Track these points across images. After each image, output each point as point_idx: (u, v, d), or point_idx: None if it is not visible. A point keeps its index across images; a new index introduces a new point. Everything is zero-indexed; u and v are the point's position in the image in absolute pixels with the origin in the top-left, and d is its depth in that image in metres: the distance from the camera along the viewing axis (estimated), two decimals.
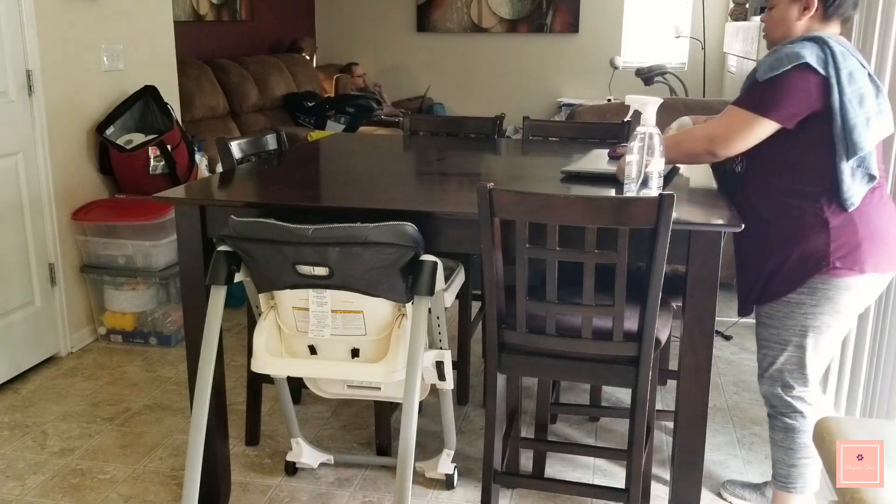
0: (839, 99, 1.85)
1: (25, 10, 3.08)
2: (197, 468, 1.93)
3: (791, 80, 1.87)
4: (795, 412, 2.07)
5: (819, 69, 1.85)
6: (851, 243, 1.92)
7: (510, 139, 3.73)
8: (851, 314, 2.03)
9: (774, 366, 2.07)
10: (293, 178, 2.56)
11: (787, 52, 1.88)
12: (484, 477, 2.11)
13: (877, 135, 1.90)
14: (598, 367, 1.96)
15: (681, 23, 6.77)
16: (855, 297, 1.97)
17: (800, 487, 2.12)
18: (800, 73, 1.86)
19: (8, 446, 2.67)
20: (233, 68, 5.57)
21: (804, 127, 1.90)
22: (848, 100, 1.85)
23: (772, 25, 2.04)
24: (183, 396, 3.02)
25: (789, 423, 2.09)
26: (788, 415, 2.08)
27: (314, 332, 1.97)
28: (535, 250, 1.87)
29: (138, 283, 3.47)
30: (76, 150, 3.43)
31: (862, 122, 1.85)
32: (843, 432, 1.52)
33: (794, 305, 2.00)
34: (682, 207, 1.97)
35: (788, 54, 1.87)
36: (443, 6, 7.23)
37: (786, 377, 2.06)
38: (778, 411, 2.10)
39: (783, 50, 1.90)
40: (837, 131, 1.87)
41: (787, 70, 1.86)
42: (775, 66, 1.88)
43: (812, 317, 1.99)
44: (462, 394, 2.97)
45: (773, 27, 2.04)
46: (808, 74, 1.86)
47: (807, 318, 2.00)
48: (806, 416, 2.06)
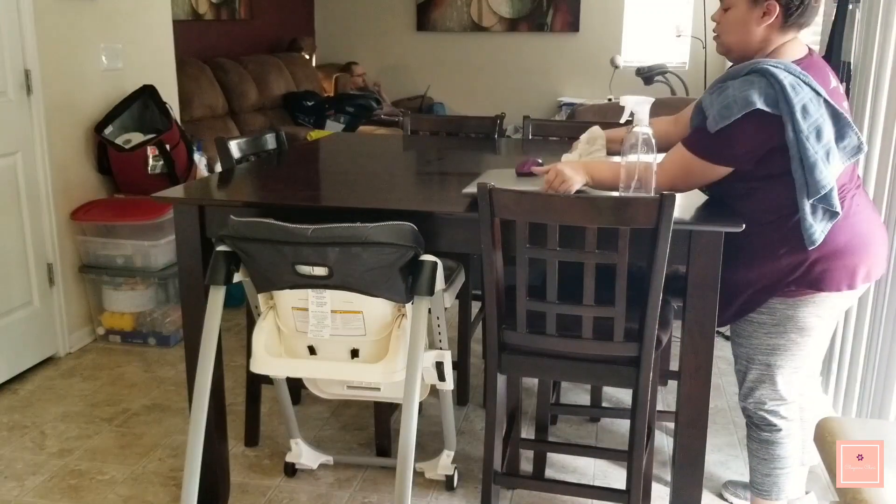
0: (795, 137, 1.76)
1: (24, 10, 3.07)
2: (196, 469, 1.93)
3: (742, 128, 1.79)
4: (770, 426, 2.04)
5: (769, 110, 1.76)
6: (807, 265, 1.87)
7: (510, 139, 3.73)
8: (822, 328, 1.96)
9: (746, 382, 2.05)
10: (292, 177, 2.56)
11: (734, 98, 1.79)
12: (484, 478, 2.11)
13: (839, 165, 1.82)
14: (599, 367, 1.96)
15: (681, 22, 6.76)
16: (817, 313, 1.93)
17: (775, 494, 2.11)
18: (750, 120, 1.78)
19: (6, 447, 2.66)
20: (232, 68, 5.56)
21: (764, 160, 1.84)
22: (805, 137, 1.76)
23: (727, 28, 1.94)
24: (182, 397, 3.01)
25: (764, 436, 2.06)
26: (763, 428, 2.06)
27: (313, 333, 1.96)
28: (535, 250, 1.86)
29: (137, 283, 3.46)
30: (75, 149, 3.43)
31: (822, 157, 1.78)
32: (843, 432, 1.52)
33: (756, 325, 1.97)
34: (683, 208, 1.97)
35: (737, 100, 1.78)
36: (443, 5, 7.22)
37: (756, 393, 2.04)
38: (753, 422, 2.08)
39: (730, 91, 1.81)
40: (797, 168, 1.80)
41: (738, 119, 1.78)
42: (725, 114, 1.79)
43: (776, 335, 1.96)
44: (462, 394, 2.97)
45: (727, 30, 1.94)
46: (760, 117, 1.77)
47: (771, 337, 1.96)
48: (781, 430, 2.04)
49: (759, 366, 2.00)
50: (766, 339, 1.97)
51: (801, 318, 1.93)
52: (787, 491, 2.11)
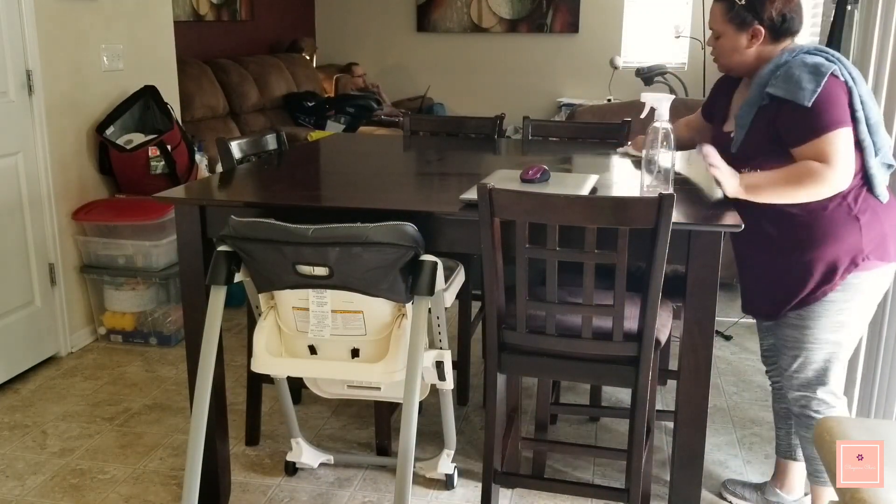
0: (860, 100, 1.91)
1: (25, 10, 3.08)
2: (197, 468, 1.93)
3: (832, 90, 1.89)
4: (828, 406, 2.07)
5: (839, 76, 1.90)
6: (880, 234, 1.96)
7: (510, 139, 3.73)
8: (876, 302, 2.06)
9: (811, 365, 2.06)
10: (293, 178, 2.56)
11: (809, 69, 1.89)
12: (484, 477, 2.11)
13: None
14: (598, 367, 1.96)
15: (681, 22, 6.76)
16: (882, 285, 2.02)
17: None
18: (833, 82, 1.89)
19: (8, 446, 2.67)
20: (233, 68, 5.57)
21: None
22: (865, 100, 1.91)
23: (722, 52, 2.09)
24: (183, 396, 3.02)
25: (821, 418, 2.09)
26: (821, 411, 2.07)
27: (314, 332, 1.97)
28: (535, 250, 1.87)
29: (138, 283, 3.47)
30: (76, 149, 3.43)
31: (880, 118, 1.95)
32: (843, 432, 1.52)
33: (827, 304, 2.00)
34: (682, 208, 1.97)
35: (812, 69, 1.89)
36: (443, 6, 7.23)
37: (821, 376, 2.06)
38: (811, 409, 2.08)
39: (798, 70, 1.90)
40: (863, 131, 1.91)
41: (826, 82, 1.88)
42: (811, 86, 1.88)
43: (845, 312, 2.00)
44: (462, 394, 2.98)
45: (723, 54, 2.09)
46: (838, 81, 1.90)
47: (840, 314, 2.01)
48: (836, 408, 2.08)
49: (828, 345, 2.03)
50: (836, 317, 2.00)
51: (867, 291, 2.00)
52: None
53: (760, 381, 3.19)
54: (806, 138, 1.90)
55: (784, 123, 1.94)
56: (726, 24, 2.04)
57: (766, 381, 3.17)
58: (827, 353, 2.04)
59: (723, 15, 2.05)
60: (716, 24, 2.08)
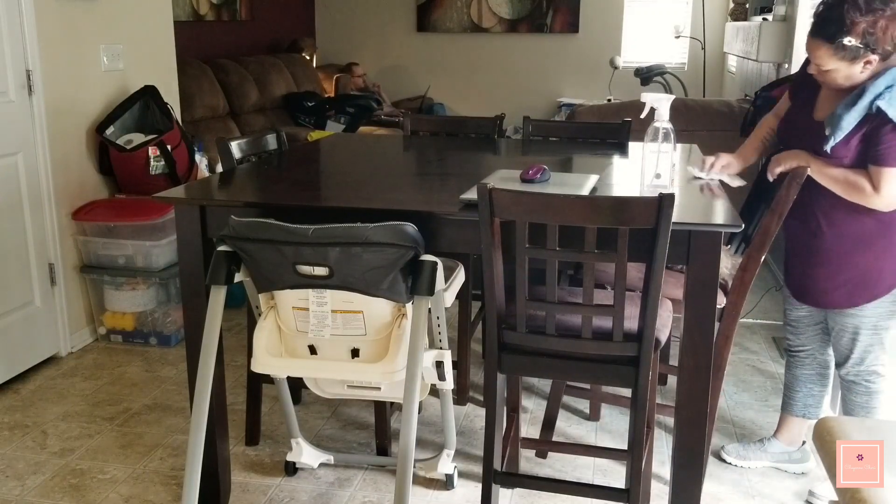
0: None
1: (25, 10, 3.08)
2: (197, 468, 1.93)
3: None
4: (879, 376, 2.27)
5: None
6: None
7: (510, 139, 3.73)
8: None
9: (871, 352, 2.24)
10: (293, 178, 2.56)
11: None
12: (484, 477, 2.11)
13: None
14: (598, 367, 1.96)
15: (681, 23, 6.77)
16: None
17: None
18: None
19: (8, 446, 2.67)
20: (233, 68, 5.57)
21: None
22: None
23: (832, 79, 2.08)
24: (183, 396, 3.02)
25: (872, 387, 2.28)
26: (873, 381, 2.27)
27: (314, 332, 1.97)
28: (535, 250, 1.87)
29: (138, 283, 3.47)
30: (76, 149, 3.43)
31: None
32: (843, 432, 1.52)
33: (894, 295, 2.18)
34: (682, 207, 1.97)
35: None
36: (443, 6, 7.23)
37: (874, 354, 2.25)
38: (862, 378, 2.28)
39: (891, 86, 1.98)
40: None
41: None
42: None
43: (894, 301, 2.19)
44: (462, 394, 2.98)
45: (834, 79, 2.08)
46: None
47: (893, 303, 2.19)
48: (883, 376, 2.27)
49: (877, 330, 2.22)
50: (890, 306, 2.19)
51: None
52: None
53: (760, 382, 3.19)
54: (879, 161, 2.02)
55: (875, 137, 2.02)
56: (838, 61, 2.02)
57: (766, 382, 3.18)
58: (882, 335, 2.24)
59: (831, 55, 2.02)
60: (822, 61, 2.05)
